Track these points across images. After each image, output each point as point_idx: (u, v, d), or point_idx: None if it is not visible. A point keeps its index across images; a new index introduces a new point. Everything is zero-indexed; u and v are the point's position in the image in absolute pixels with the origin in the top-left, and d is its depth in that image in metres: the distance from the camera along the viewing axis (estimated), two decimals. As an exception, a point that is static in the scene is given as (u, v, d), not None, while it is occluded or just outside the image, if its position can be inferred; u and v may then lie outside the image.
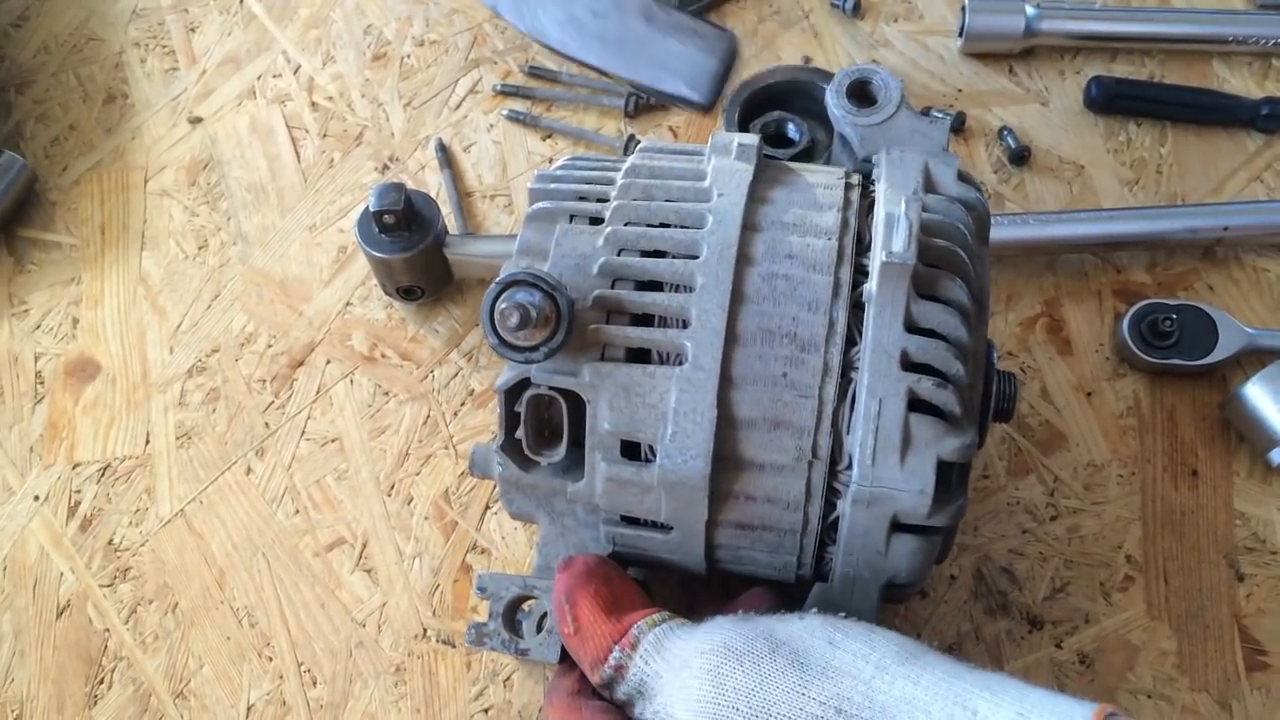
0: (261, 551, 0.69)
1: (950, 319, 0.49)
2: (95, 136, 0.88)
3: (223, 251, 0.81)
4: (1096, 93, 0.81)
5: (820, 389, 0.49)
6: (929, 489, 0.47)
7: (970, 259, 0.51)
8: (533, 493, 0.55)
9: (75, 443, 0.74)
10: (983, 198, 0.54)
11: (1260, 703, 0.61)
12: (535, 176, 0.57)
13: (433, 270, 0.74)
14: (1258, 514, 0.66)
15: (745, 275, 0.50)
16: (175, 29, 0.93)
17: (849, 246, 0.51)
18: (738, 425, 0.49)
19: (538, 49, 0.88)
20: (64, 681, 0.66)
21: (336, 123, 0.86)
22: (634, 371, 0.50)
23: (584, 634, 0.50)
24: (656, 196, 0.54)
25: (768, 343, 0.49)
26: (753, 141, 0.55)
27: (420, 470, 0.71)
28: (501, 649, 0.56)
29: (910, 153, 0.54)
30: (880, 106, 0.57)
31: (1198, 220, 0.74)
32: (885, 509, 0.48)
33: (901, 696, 0.42)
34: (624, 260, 0.51)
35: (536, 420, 0.53)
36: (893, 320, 0.48)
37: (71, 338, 0.78)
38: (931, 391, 0.47)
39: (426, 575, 0.67)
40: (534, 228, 0.54)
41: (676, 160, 0.56)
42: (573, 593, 0.52)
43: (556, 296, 0.48)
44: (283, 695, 0.65)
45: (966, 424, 0.49)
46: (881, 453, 0.47)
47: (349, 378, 0.75)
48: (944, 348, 0.48)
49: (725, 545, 0.53)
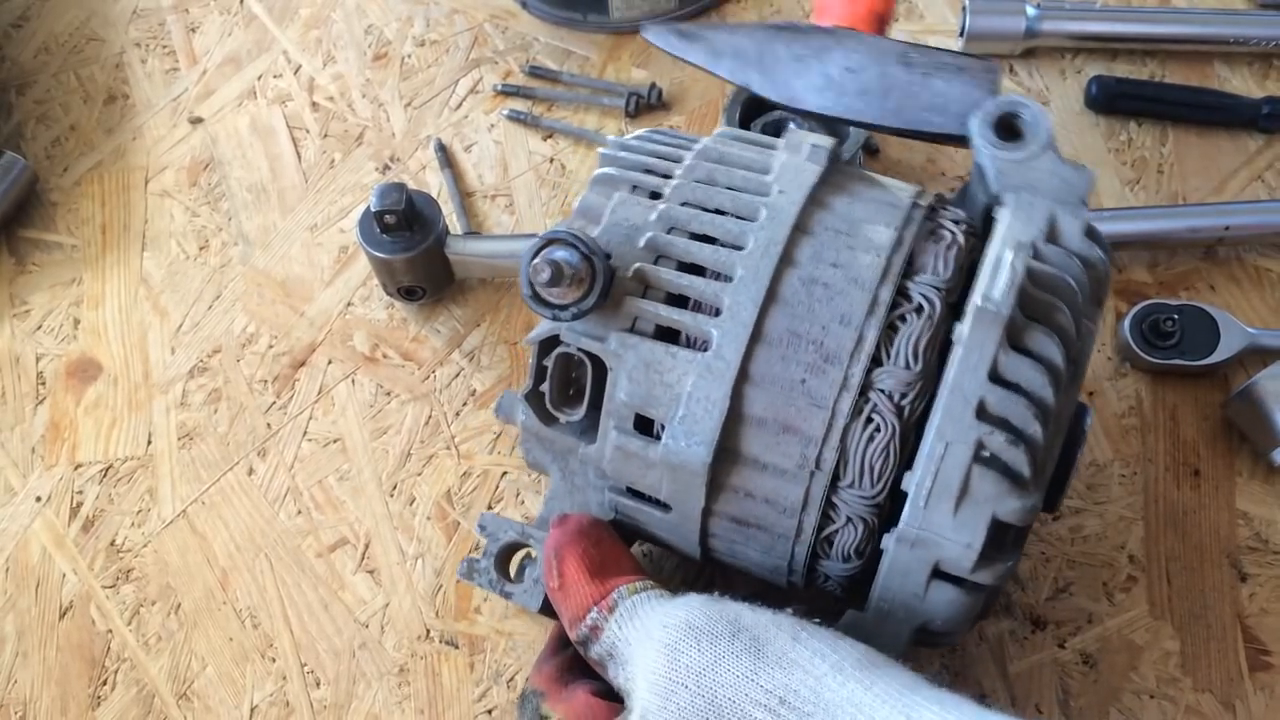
0: (264, 552, 0.69)
1: (1038, 377, 0.47)
2: (96, 137, 0.87)
3: (224, 252, 0.81)
4: (1097, 92, 0.81)
5: (835, 402, 0.48)
6: (977, 545, 0.46)
7: (1075, 319, 0.49)
8: (550, 447, 0.56)
9: (77, 443, 0.74)
10: (1106, 258, 0.52)
11: (1264, 703, 0.61)
12: (609, 142, 0.58)
13: (434, 270, 0.74)
14: (1260, 514, 0.67)
15: (785, 276, 0.50)
16: (176, 29, 0.93)
17: (896, 265, 0.50)
18: (748, 422, 0.49)
19: (539, 48, 0.88)
20: (67, 683, 0.66)
21: (337, 123, 0.86)
22: (658, 349, 0.50)
23: (567, 590, 0.51)
24: (718, 182, 0.53)
25: (793, 346, 0.49)
26: (827, 144, 0.54)
27: (422, 471, 0.71)
28: (488, 587, 0.58)
29: (1041, 199, 0.52)
30: (1025, 143, 0.54)
31: (1199, 220, 0.74)
32: (929, 554, 0.47)
33: (849, 698, 0.42)
34: (670, 239, 0.52)
35: (563, 377, 0.54)
36: (977, 367, 0.47)
37: (73, 338, 0.78)
38: (1001, 447, 0.46)
39: (429, 576, 0.67)
40: (596, 191, 0.55)
41: (748, 150, 0.55)
42: (562, 549, 0.53)
43: (594, 260, 0.49)
44: (286, 696, 0.65)
45: (1033, 488, 0.47)
46: (937, 497, 0.46)
47: (350, 378, 0.75)
48: (1024, 405, 0.46)
49: (720, 536, 0.53)
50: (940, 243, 0.51)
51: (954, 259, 0.51)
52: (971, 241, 0.53)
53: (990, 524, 0.46)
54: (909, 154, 0.81)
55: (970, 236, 0.53)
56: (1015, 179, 0.54)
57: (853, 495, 0.49)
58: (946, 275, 0.50)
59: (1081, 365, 0.51)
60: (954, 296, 0.51)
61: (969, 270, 0.53)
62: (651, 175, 0.55)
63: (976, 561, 0.46)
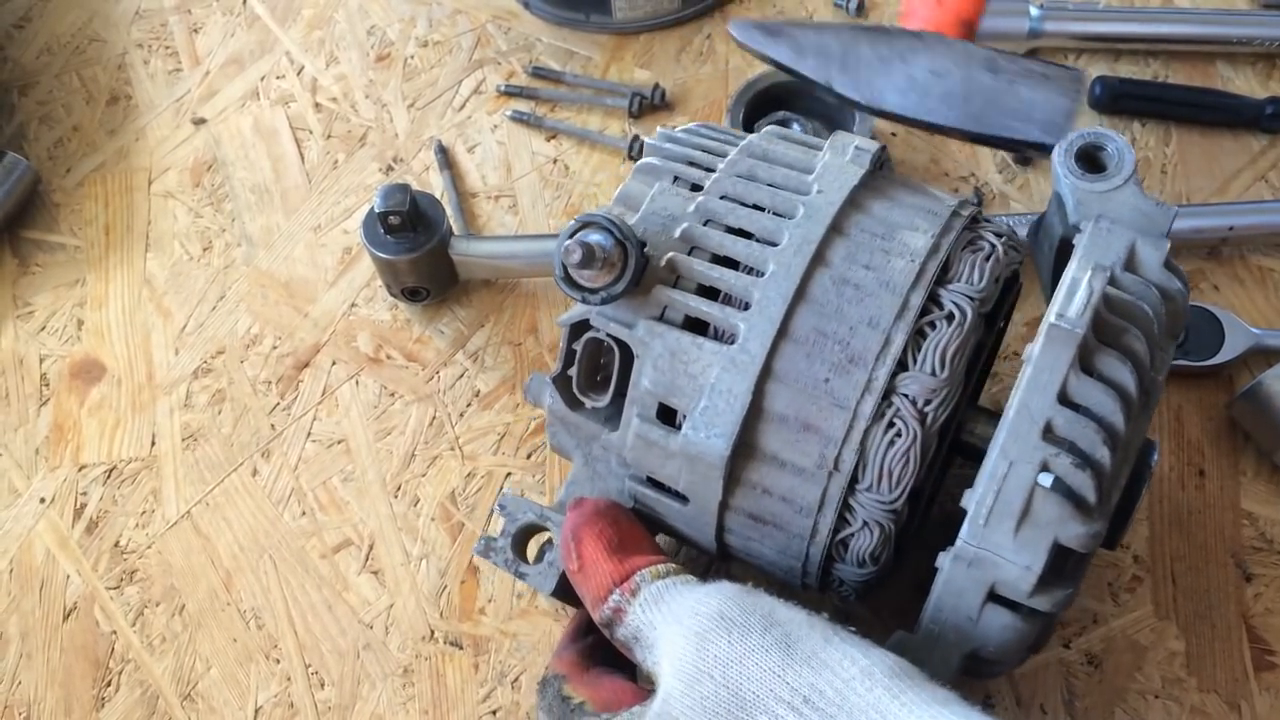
0: (268, 553, 0.69)
1: (1108, 401, 0.46)
2: (99, 138, 0.87)
3: (227, 253, 0.81)
4: (1101, 93, 0.81)
5: (858, 403, 0.48)
6: (1037, 567, 0.45)
7: (1150, 348, 0.48)
8: (575, 431, 0.56)
9: (81, 445, 0.74)
10: (1185, 291, 0.51)
11: (1269, 703, 0.61)
12: (657, 133, 0.58)
13: (438, 271, 0.74)
14: (1265, 514, 0.66)
15: (816, 275, 0.50)
16: (178, 30, 0.93)
17: (930, 271, 0.50)
18: (768, 417, 0.49)
19: (542, 49, 0.88)
20: (71, 684, 0.66)
21: (340, 124, 0.86)
22: (684, 339, 0.50)
23: (586, 571, 0.51)
24: (759, 178, 0.54)
25: (819, 345, 0.49)
26: (871, 148, 0.54)
27: (426, 471, 0.71)
28: (503, 566, 0.58)
29: (1121, 227, 0.51)
30: (1108, 175, 0.54)
31: (1203, 220, 0.74)
32: (985, 575, 0.46)
33: (875, 705, 0.42)
34: (705, 230, 0.52)
35: (591, 363, 0.54)
36: (1047, 387, 0.46)
37: (76, 339, 0.78)
38: (1067, 469, 0.45)
39: (434, 577, 0.67)
40: (638, 180, 0.55)
41: (792, 149, 0.55)
42: (579, 530, 0.53)
43: (627, 245, 0.49)
44: (290, 697, 0.65)
45: (1098, 514, 0.46)
46: (997, 517, 0.45)
47: (354, 379, 0.75)
48: (1093, 429, 0.46)
49: (736, 532, 0.53)
50: (978, 253, 0.51)
51: (990, 270, 0.50)
52: (1012, 255, 0.52)
53: (1051, 547, 0.45)
54: (912, 154, 0.81)
55: (1012, 250, 0.52)
56: (1095, 210, 0.53)
57: (870, 499, 0.49)
58: (981, 285, 0.50)
59: (1153, 396, 0.50)
60: (987, 307, 0.50)
61: (1008, 283, 0.53)
62: (694, 168, 0.55)
63: (1035, 585, 0.45)
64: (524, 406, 0.72)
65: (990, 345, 0.60)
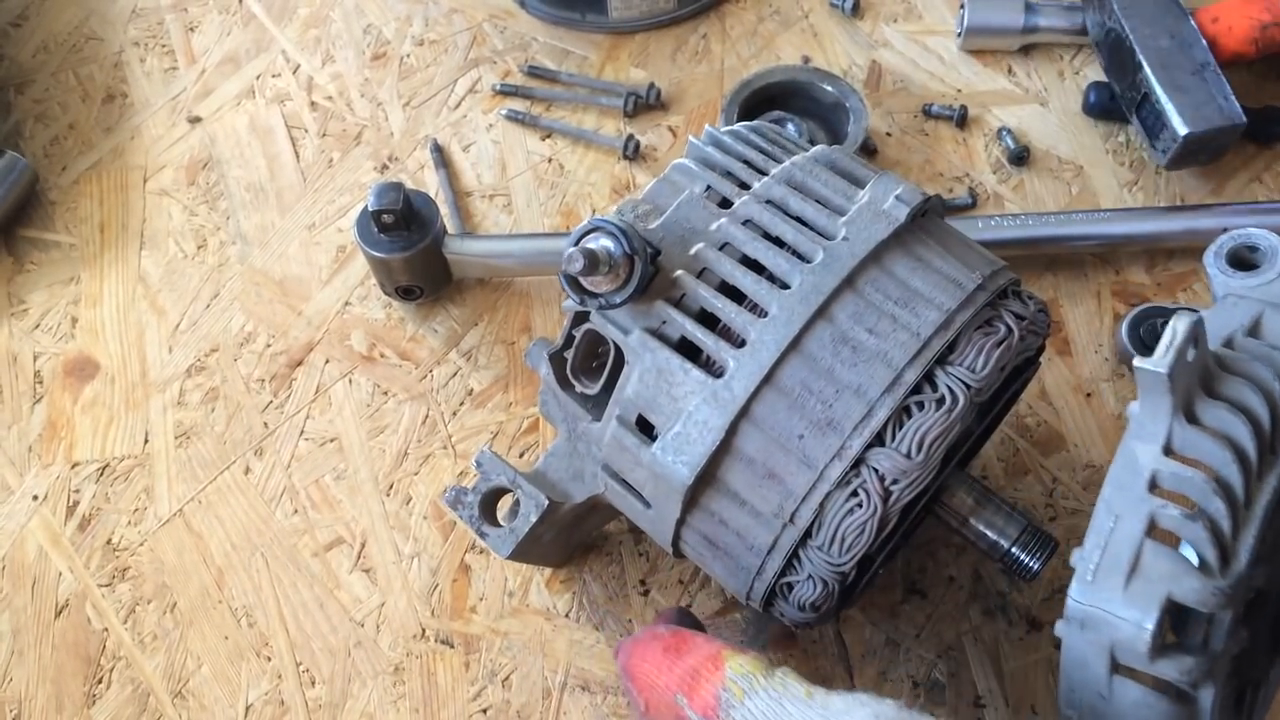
0: (260, 551, 0.69)
1: (1220, 452, 0.44)
2: (94, 136, 0.87)
3: (222, 251, 0.81)
4: (1095, 99, 0.81)
5: (825, 467, 0.48)
6: (1150, 624, 0.42)
7: (1272, 407, 0.46)
8: (563, 407, 0.57)
9: (74, 442, 0.74)
10: None
11: (1259, 704, 0.61)
12: (705, 132, 0.57)
13: (431, 270, 0.74)
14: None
15: (816, 328, 0.48)
16: (174, 28, 0.93)
17: (934, 348, 0.48)
18: (738, 456, 0.49)
19: (537, 48, 0.88)
20: (62, 681, 0.66)
21: (336, 122, 0.86)
22: (674, 361, 0.50)
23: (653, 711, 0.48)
24: (790, 209, 0.52)
25: (802, 400, 0.48)
26: (911, 200, 0.51)
27: (419, 470, 0.71)
28: (467, 523, 0.58)
29: (1253, 300, 0.51)
30: (1261, 271, 0.53)
31: (1197, 221, 0.74)
32: (1101, 636, 0.44)
33: None
34: (719, 256, 0.51)
35: (587, 351, 0.54)
36: (1151, 437, 0.44)
37: (70, 337, 0.78)
38: (1177, 522, 0.43)
39: (425, 575, 0.67)
40: (669, 182, 0.55)
41: (834, 180, 0.53)
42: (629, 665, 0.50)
43: (635, 257, 0.49)
44: (281, 695, 0.65)
45: (1219, 572, 0.43)
46: (1105, 572, 0.43)
47: (348, 377, 0.75)
48: (1203, 480, 0.43)
49: (690, 545, 0.54)
50: (990, 336, 0.49)
51: (997, 357, 0.49)
52: (1028, 340, 0.51)
53: (1164, 602, 0.42)
54: (907, 154, 0.81)
55: (1030, 334, 0.51)
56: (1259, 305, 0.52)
57: (819, 556, 0.49)
58: (982, 373, 0.48)
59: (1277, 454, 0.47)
60: (983, 396, 0.49)
61: (1018, 369, 0.52)
62: (728, 181, 0.54)
63: (1153, 646, 0.42)
64: (517, 405, 0.73)
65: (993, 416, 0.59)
